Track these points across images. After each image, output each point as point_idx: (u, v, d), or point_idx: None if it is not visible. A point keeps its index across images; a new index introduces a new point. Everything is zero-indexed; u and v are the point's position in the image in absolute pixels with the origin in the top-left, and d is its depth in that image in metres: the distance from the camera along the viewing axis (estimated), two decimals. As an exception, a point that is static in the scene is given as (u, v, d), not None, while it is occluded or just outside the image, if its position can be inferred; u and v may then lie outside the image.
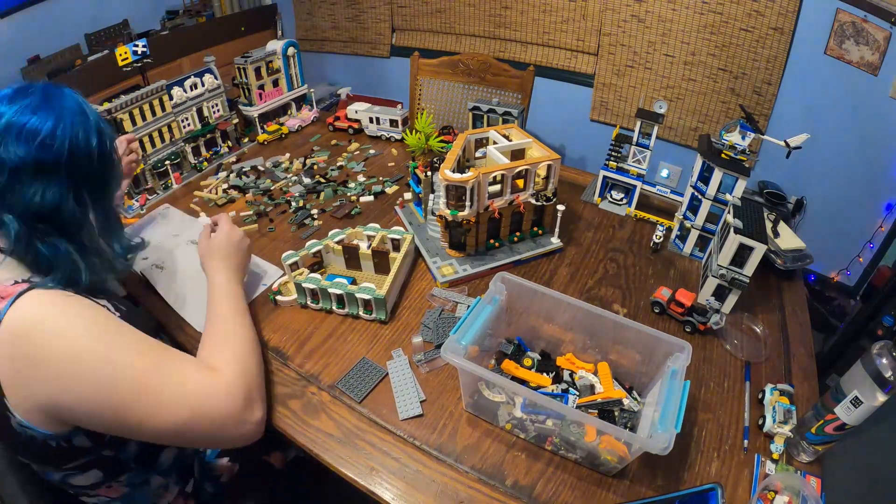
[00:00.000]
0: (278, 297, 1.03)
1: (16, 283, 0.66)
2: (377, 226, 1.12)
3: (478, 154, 1.25)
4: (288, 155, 1.56)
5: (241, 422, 0.74)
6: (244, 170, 1.47)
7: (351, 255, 1.09)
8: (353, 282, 1.03)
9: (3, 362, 0.62)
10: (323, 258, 1.10)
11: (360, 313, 1.00)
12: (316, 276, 1.01)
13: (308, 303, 1.03)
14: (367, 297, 0.96)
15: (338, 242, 1.09)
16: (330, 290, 0.98)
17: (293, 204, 1.34)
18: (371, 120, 1.65)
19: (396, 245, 1.09)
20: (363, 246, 1.09)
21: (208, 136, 1.50)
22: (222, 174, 1.46)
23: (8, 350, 0.62)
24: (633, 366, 0.87)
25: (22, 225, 0.67)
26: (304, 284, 0.99)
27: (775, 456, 0.79)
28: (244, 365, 0.78)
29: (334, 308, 1.01)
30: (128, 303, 0.84)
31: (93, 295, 0.73)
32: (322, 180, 1.44)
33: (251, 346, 0.83)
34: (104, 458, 0.76)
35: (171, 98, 1.38)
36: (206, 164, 1.50)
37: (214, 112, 1.52)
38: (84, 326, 0.66)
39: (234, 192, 1.38)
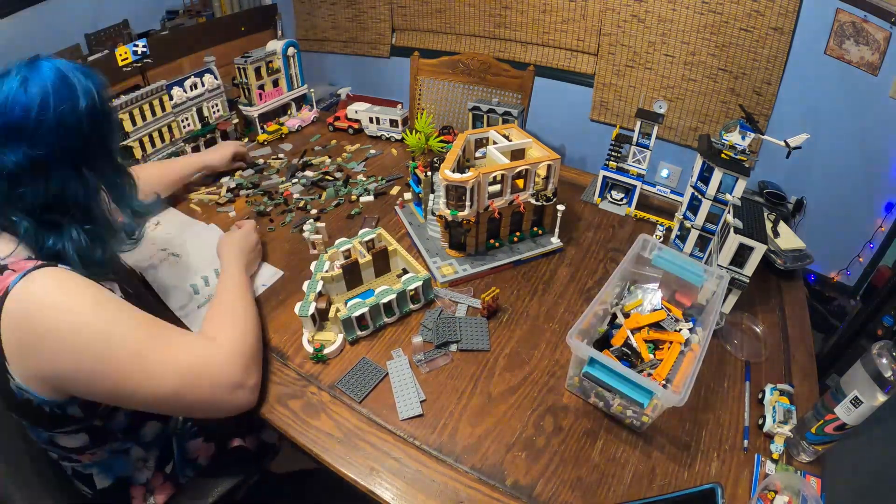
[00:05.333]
0: (326, 351, 0.92)
1: (29, 258, 0.69)
2: (345, 238, 1.08)
3: (478, 154, 1.25)
4: (284, 156, 1.57)
5: (238, 387, 0.78)
6: (242, 167, 1.48)
7: (352, 274, 1.03)
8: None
9: (9, 330, 0.65)
10: (328, 297, 1.00)
11: (412, 307, 1.01)
12: (357, 300, 0.94)
13: (359, 333, 0.95)
14: (417, 284, 0.97)
15: (327, 271, 1.01)
16: (381, 302, 0.93)
17: (292, 205, 1.34)
18: (371, 120, 1.65)
19: (371, 245, 1.08)
20: (361, 256, 1.04)
21: (208, 136, 1.50)
22: (224, 178, 1.46)
23: (14, 320, 0.64)
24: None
25: (31, 221, 0.69)
26: (353, 315, 0.91)
27: (775, 456, 0.79)
28: (242, 334, 0.84)
29: (386, 320, 0.98)
30: (137, 286, 0.91)
31: (102, 279, 0.76)
32: (329, 178, 1.44)
33: (250, 319, 0.88)
34: (93, 427, 0.79)
35: (171, 98, 1.38)
36: (206, 164, 1.50)
37: (214, 112, 1.52)
38: (87, 303, 0.68)
39: (226, 194, 1.38)
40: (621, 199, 1.34)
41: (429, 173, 1.16)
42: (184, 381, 0.73)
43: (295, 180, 1.43)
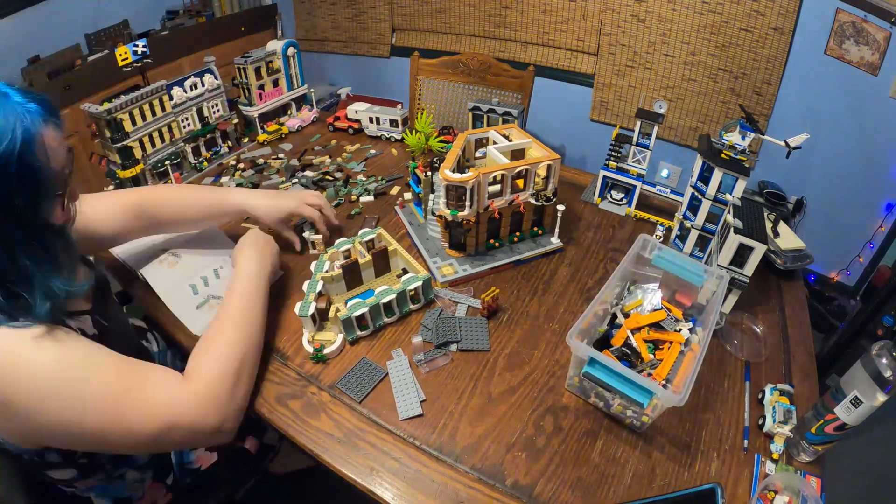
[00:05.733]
0: (326, 351, 0.92)
1: None
2: (345, 238, 1.09)
3: (478, 154, 1.25)
4: (284, 156, 1.57)
5: (213, 431, 0.74)
6: (240, 164, 1.48)
7: (352, 274, 1.03)
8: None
9: None
10: (328, 297, 1.01)
11: (412, 307, 1.00)
12: (357, 300, 0.94)
13: (358, 333, 0.95)
14: (417, 284, 0.96)
15: (327, 271, 1.01)
16: (381, 302, 0.93)
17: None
18: (371, 120, 1.65)
19: (371, 245, 1.08)
20: (361, 256, 1.04)
21: (208, 136, 1.50)
22: (224, 178, 1.46)
23: None
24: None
25: None
26: (353, 315, 0.91)
27: (775, 456, 0.79)
28: (222, 372, 0.77)
29: (386, 320, 0.98)
30: (116, 309, 0.88)
31: (70, 316, 0.73)
32: (329, 178, 1.44)
33: (240, 347, 0.82)
34: (79, 463, 0.79)
35: (171, 98, 1.38)
36: (206, 164, 1.50)
37: (214, 112, 1.52)
38: (53, 363, 0.63)
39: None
40: (621, 199, 1.34)
41: (429, 173, 1.16)
42: (161, 427, 0.70)
43: (295, 180, 1.43)
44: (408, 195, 1.32)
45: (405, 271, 1.07)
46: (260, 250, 0.97)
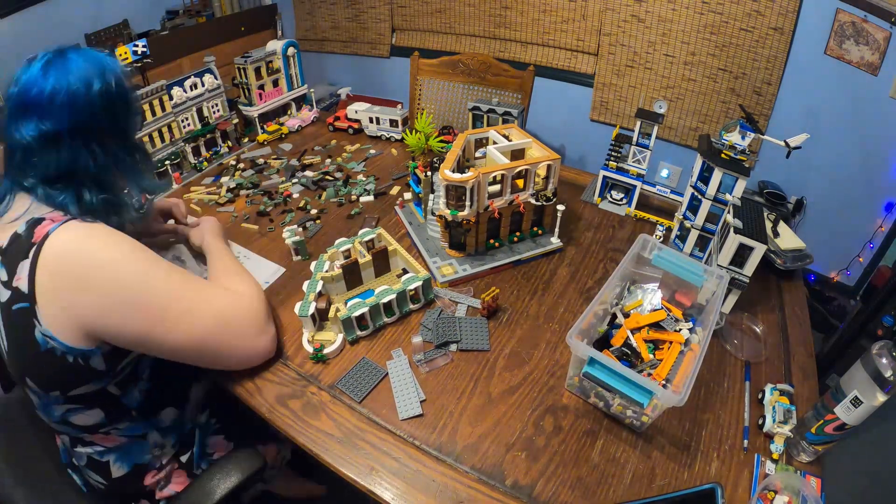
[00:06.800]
0: (326, 351, 0.92)
1: (66, 215, 0.75)
2: (345, 238, 1.09)
3: (478, 154, 1.25)
4: (284, 156, 1.57)
5: (260, 332, 0.85)
6: (240, 164, 1.48)
7: (352, 274, 1.03)
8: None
9: (45, 272, 0.68)
10: (328, 296, 1.01)
11: (412, 307, 1.01)
12: (357, 300, 0.94)
13: (358, 333, 0.95)
14: (417, 284, 0.97)
15: (327, 271, 1.01)
16: (381, 302, 0.94)
17: (291, 205, 1.34)
18: (371, 120, 1.65)
19: (371, 245, 1.08)
20: (361, 256, 1.04)
21: (208, 136, 1.50)
22: (224, 178, 1.47)
23: (52, 261, 0.69)
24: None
25: (45, 188, 0.75)
26: (353, 315, 0.92)
27: (775, 456, 0.79)
28: (256, 289, 0.90)
29: (386, 320, 0.98)
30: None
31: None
32: (329, 178, 1.44)
33: (256, 281, 0.94)
34: (109, 395, 0.81)
35: (171, 98, 1.38)
36: (206, 164, 1.50)
37: (214, 112, 1.52)
38: (125, 247, 0.74)
39: (226, 194, 1.38)
40: (621, 199, 1.34)
41: (429, 173, 1.16)
42: (216, 322, 0.79)
43: (295, 180, 1.43)
44: (408, 195, 1.32)
45: (405, 271, 1.07)
46: (217, 233, 1.08)
